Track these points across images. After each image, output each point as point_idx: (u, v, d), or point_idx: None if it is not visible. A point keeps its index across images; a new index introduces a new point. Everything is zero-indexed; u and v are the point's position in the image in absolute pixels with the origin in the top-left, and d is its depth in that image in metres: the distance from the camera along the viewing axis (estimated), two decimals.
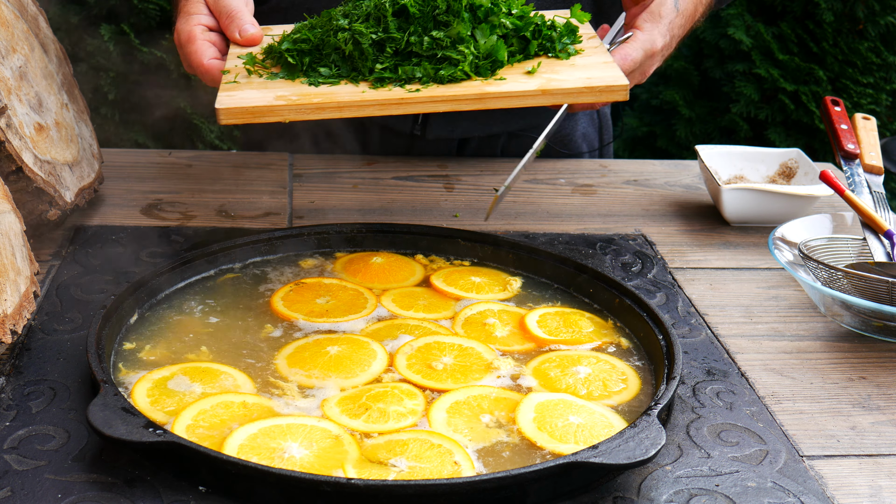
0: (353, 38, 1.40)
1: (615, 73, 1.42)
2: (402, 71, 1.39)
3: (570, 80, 1.40)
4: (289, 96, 1.35)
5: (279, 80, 1.41)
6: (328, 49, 1.42)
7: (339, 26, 1.42)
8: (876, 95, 3.92)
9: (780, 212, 1.75)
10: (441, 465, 1.11)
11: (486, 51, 1.42)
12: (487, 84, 1.39)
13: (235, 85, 1.39)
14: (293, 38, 1.44)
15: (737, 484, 1.13)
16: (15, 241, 1.34)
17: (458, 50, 1.40)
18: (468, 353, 1.33)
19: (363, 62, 1.40)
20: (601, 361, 1.32)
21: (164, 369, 1.25)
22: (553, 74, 1.42)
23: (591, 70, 1.43)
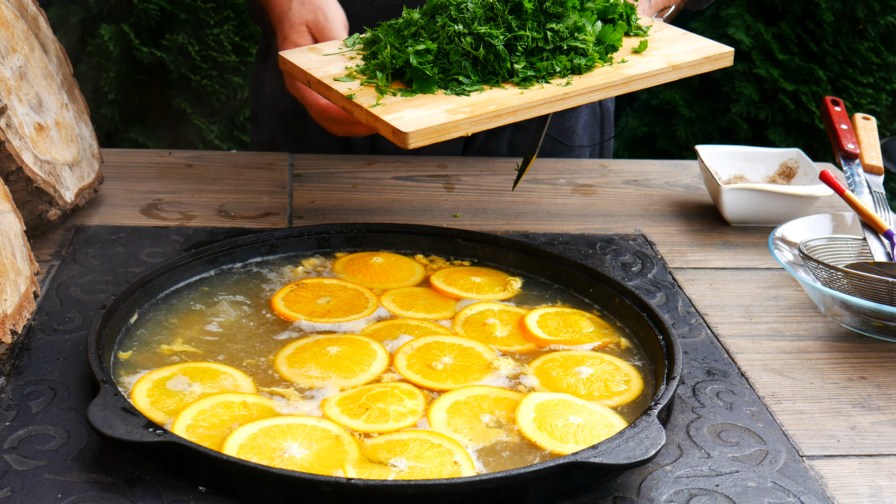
0: (484, 42, 1.39)
1: (711, 42, 1.49)
2: (542, 67, 1.39)
3: (683, 53, 1.47)
4: (461, 109, 1.34)
5: (422, 96, 1.38)
6: (455, 56, 1.39)
7: (457, 31, 1.39)
8: (876, 95, 3.91)
9: (780, 212, 1.75)
10: (441, 465, 1.11)
11: (598, 36, 1.44)
12: (623, 68, 1.43)
13: (388, 107, 1.35)
14: (416, 49, 1.40)
15: (737, 484, 1.13)
16: (15, 241, 1.34)
17: (580, 39, 1.42)
18: (468, 353, 1.33)
19: (500, 64, 1.39)
20: (605, 363, 1.32)
21: (164, 369, 1.25)
22: (661, 51, 1.47)
23: (687, 42, 1.50)
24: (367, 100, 1.37)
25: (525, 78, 1.39)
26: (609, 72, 1.43)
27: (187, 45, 3.62)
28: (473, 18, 1.40)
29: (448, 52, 1.40)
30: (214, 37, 3.66)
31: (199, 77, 3.66)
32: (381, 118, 1.33)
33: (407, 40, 1.43)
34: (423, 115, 1.33)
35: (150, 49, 3.59)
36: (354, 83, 1.42)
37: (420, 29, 1.43)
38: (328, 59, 1.50)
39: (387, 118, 1.32)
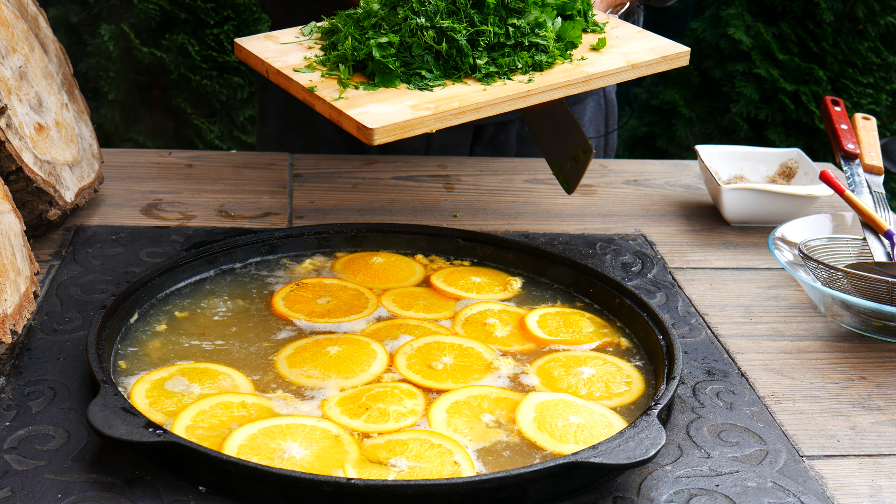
0: (447, 36, 1.38)
1: (667, 41, 1.50)
2: (504, 63, 1.39)
3: (641, 52, 1.47)
4: (425, 105, 1.33)
5: (385, 90, 1.36)
6: (418, 50, 1.38)
7: (420, 25, 1.39)
8: (876, 95, 3.91)
9: (780, 212, 1.75)
10: (441, 465, 1.11)
11: (558, 33, 1.44)
12: (583, 65, 1.43)
13: (351, 101, 1.34)
14: (378, 42, 1.39)
15: (737, 484, 1.13)
16: (15, 241, 1.34)
17: (541, 35, 1.41)
18: (468, 353, 1.33)
19: (462, 59, 1.38)
20: (607, 363, 1.32)
21: (163, 370, 1.25)
22: (619, 49, 1.47)
23: (643, 40, 1.50)
24: (329, 93, 1.35)
25: (487, 74, 1.38)
26: (570, 69, 1.43)
27: (187, 45, 3.62)
28: (436, 12, 1.39)
29: (410, 46, 1.39)
30: (214, 37, 3.66)
31: (199, 77, 3.66)
32: (345, 112, 1.31)
33: (367, 31, 1.41)
34: (387, 111, 1.31)
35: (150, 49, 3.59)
36: (315, 74, 1.40)
37: (381, 20, 1.41)
38: (286, 48, 1.47)
39: (351, 113, 1.31)
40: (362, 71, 1.39)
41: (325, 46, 1.46)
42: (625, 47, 1.49)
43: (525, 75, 1.40)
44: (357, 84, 1.37)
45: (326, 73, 1.39)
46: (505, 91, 1.36)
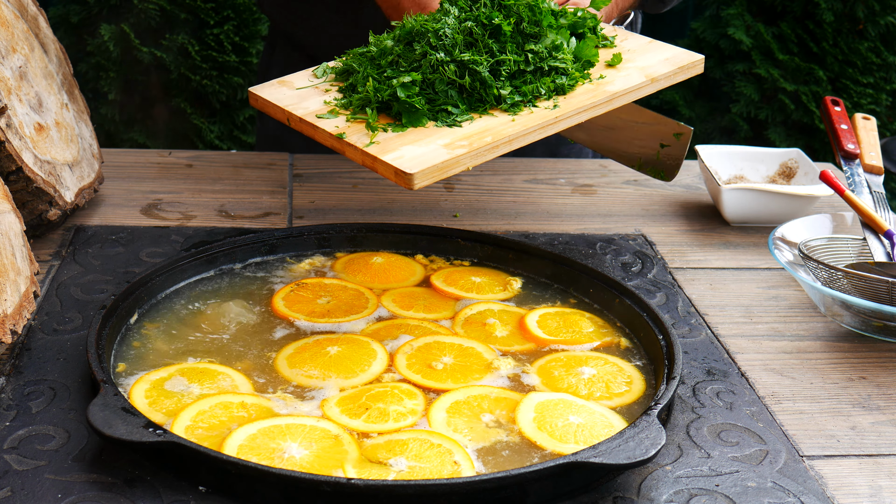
0: (469, 69, 1.35)
1: (680, 50, 1.48)
2: (527, 91, 1.37)
3: (657, 64, 1.45)
4: (458, 143, 1.30)
5: (413, 130, 1.33)
6: (441, 86, 1.35)
7: (440, 60, 1.35)
8: (876, 95, 3.91)
9: (780, 212, 1.75)
10: (441, 464, 1.11)
11: (574, 53, 1.43)
12: (604, 84, 1.41)
13: (383, 145, 1.30)
14: (402, 81, 1.34)
15: (737, 484, 1.13)
16: (15, 241, 1.34)
17: (560, 58, 1.40)
18: (468, 353, 1.33)
19: (486, 91, 1.36)
20: (608, 363, 1.32)
21: (162, 370, 1.25)
22: (635, 63, 1.45)
23: (656, 51, 1.48)
24: (358, 138, 1.32)
25: (513, 104, 1.36)
26: (592, 90, 1.41)
27: (187, 45, 3.62)
28: (454, 45, 1.36)
29: (433, 82, 1.35)
30: (214, 37, 3.66)
31: (199, 77, 3.66)
32: (380, 158, 1.28)
33: (385, 70, 1.38)
34: (422, 153, 1.28)
35: (150, 49, 3.59)
36: (339, 120, 1.36)
37: (398, 58, 1.39)
38: (303, 93, 1.43)
39: (386, 158, 1.27)
40: (387, 112, 1.36)
41: (343, 88, 1.42)
42: (639, 60, 1.48)
43: (549, 100, 1.38)
44: (385, 126, 1.34)
45: (351, 117, 1.36)
46: (534, 120, 1.34)
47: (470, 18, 1.39)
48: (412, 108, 1.34)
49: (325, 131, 1.34)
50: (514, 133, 1.32)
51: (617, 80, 1.43)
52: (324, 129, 1.34)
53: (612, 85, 1.42)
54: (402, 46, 1.40)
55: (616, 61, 1.46)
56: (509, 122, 1.34)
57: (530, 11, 1.40)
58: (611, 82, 1.42)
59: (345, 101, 1.39)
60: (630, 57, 1.48)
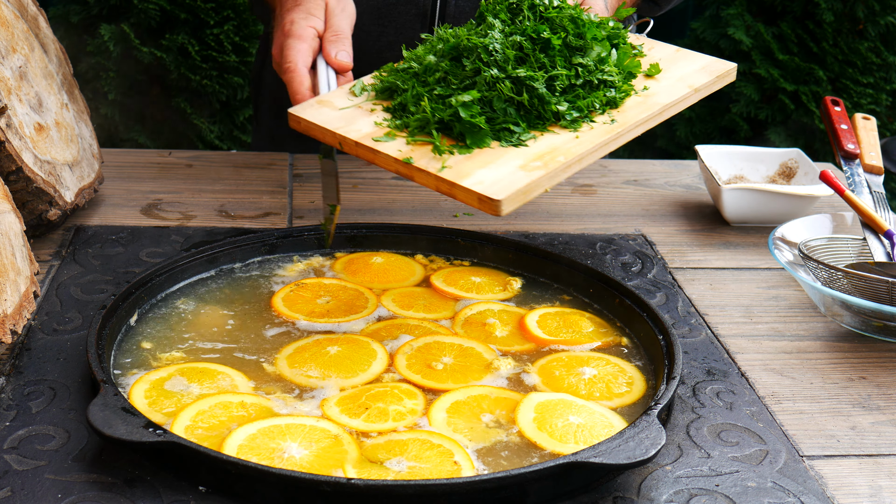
0: (526, 86, 1.31)
1: (710, 58, 1.47)
2: (583, 106, 1.34)
3: (693, 74, 1.44)
4: (532, 164, 1.25)
5: (479, 151, 1.28)
6: (499, 104, 1.30)
7: (496, 76, 1.30)
8: (876, 95, 3.91)
9: (780, 212, 1.75)
10: (441, 464, 1.11)
11: (617, 64, 1.41)
12: (652, 96, 1.39)
13: (455, 170, 1.24)
14: (462, 101, 1.29)
15: (737, 484, 1.13)
16: (15, 241, 1.34)
17: (607, 71, 1.38)
18: (468, 353, 1.33)
19: (545, 108, 1.32)
20: (609, 364, 1.32)
21: (162, 370, 1.25)
22: (671, 73, 1.44)
23: (687, 60, 1.48)
24: (427, 162, 1.26)
25: (573, 120, 1.33)
26: (641, 102, 1.38)
27: (187, 45, 3.62)
28: (506, 60, 1.31)
29: (490, 100, 1.31)
30: (214, 37, 3.66)
31: (199, 77, 3.66)
32: (459, 184, 1.22)
33: (433, 87, 1.33)
34: (499, 176, 1.23)
35: (150, 49, 3.59)
36: (399, 143, 1.30)
37: (446, 74, 1.34)
38: (347, 114, 1.37)
39: (466, 184, 1.22)
40: (447, 132, 1.30)
41: (391, 108, 1.37)
42: (674, 70, 1.46)
43: (604, 115, 1.35)
44: (450, 148, 1.28)
45: (411, 140, 1.30)
46: (598, 136, 1.31)
47: (516, 32, 1.35)
48: (475, 127, 1.29)
49: (388, 156, 1.28)
50: (584, 151, 1.28)
51: (661, 91, 1.41)
52: (387, 154, 1.28)
53: (659, 96, 1.39)
54: (449, 62, 1.35)
55: (655, 71, 1.44)
56: (574, 140, 1.30)
57: (573, 24, 1.37)
58: (657, 94, 1.40)
59: (399, 122, 1.33)
60: (664, 66, 1.46)
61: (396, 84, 1.38)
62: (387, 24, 1.90)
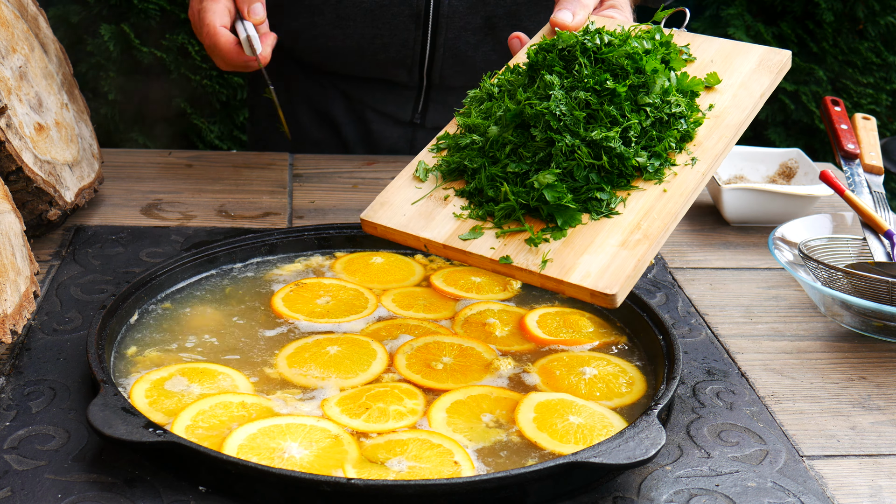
0: (604, 147, 1.24)
1: (760, 48, 1.40)
2: (660, 150, 1.26)
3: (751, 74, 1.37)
4: (632, 239, 1.20)
5: (572, 230, 1.22)
6: (580, 172, 1.23)
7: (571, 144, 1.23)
8: (876, 95, 3.91)
9: (780, 212, 1.75)
10: (441, 464, 1.11)
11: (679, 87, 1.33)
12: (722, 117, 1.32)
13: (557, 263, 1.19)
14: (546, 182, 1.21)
15: (737, 484, 1.13)
16: (15, 241, 1.34)
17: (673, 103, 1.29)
18: (468, 353, 1.33)
19: (625, 165, 1.25)
20: (611, 364, 1.32)
21: (163, 370, 1.25)
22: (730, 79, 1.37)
23: (736, 53, 1.40)
24: (524, 257, 1.20)
25: (656, 170, 1.25)
26: (712, 126, 1.31)
27: (187, 45, 3.62)
28: (576, 123, 1.24)
29: (570, 170, 1.23)
30: None
31: (199, 77, 3.66)
32: (568, 282, 1.17)
33: (505, 163, 1.26)
34: (605, 262, 1.17)
35: (150, 49, 3.59)
36: (488, 237, 1.23)
37: (515, 146, 1.27)
38: (421, 208, 1.29)
39: (574, 280, 1.16)
40: (534, 214, 1.24)
41: (466, 193, 1.28)
42: (731, 73, 1.37)
43: (681, 153, 1.28)
44: (543, 236, 1.21)
45: (500, 233, 1.23)
46: (686, 185, 1.24)
47: (578, 86, 1.26)
48: (565, 209, 1.22)
49: (483, 258, 1.22)
50: (677, 208, 1.22)
51: (728, 106, 1.33)
52: (482, 256, 1.22)
53: (729, 115, 1.32)
54: (514, 132, 1.27)
55: (714, 82, 1.36)
56: (662, 195, 1.24)
57: (631, 60, 1.28)
58: (725, 112, 1.33)
59: (479, 210, 1.26)
60: (720, 70, 1.38)
61: (464, 164, 1.30)
62: (380, 25, 1.90)
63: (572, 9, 1.45)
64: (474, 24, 1.91)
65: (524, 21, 1.92)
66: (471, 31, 1.91)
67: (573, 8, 1.45)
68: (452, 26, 1.90)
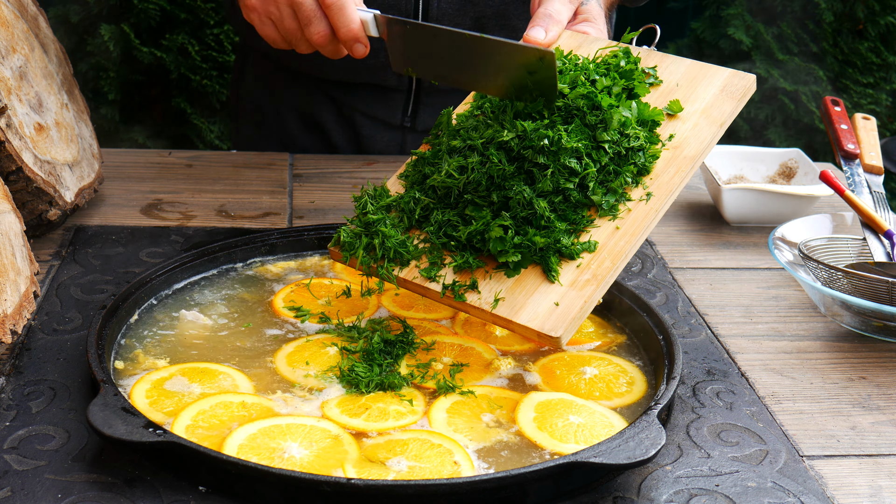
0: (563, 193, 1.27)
1: (727, 72, 1.39)
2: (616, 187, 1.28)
3: (715, 101, 1.37)
4: (580, 280, 1.24)
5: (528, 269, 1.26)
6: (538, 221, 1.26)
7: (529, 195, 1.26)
8: (876, 95, 3.91)
9: (780, 212, 1.75)
10: (441, 464, 1.11)
11: (638, 118, 1.33)
12: (680, 149, 1.32)
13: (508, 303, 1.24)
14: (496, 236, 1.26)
15: (737, 484, 1.13)
16: (15, 241, 1.34)
17: (632, 136, 1.29)
18: (468, 353, 1.33)
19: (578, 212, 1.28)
20: (611, 364, 1.32)
21: (163, 370, 1.25)
22: (694, 105, 1.37)
23: (701, 76, 1.40)
24: (478, 297, 1.26)
25: (611, 206, 1.27)
26: (670, 159, 1.31)
27: (187, 45, 3.62)
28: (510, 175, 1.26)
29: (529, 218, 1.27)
30: (214, 37, 3.66)
31: (199, 77, 3.66)
32: (516, 322, 1.22)
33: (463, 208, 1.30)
34: (548, 304, 1.22)
35: (150, 49, 3.59)
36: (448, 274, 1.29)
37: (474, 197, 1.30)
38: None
39: (522, 321, 1.22)
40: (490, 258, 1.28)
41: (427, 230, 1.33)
42: (694, 99, 1.37)
43: (636, 186, 1.29)
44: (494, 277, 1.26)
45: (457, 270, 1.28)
46: (638, 223, 1.26)
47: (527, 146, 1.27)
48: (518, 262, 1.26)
49: (438, 293, 1.28)
50: (628, 247, 1.25)
51: (687, 136, 1.33)
52: (437, 292, 1.28)
53: (687, 147, 1.32)
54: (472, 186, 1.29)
55: (677, 109, 1.36)
56: (615, 232, 1.26)
57: (586, 99, 1.29)
58: (685, 142, 1.33)
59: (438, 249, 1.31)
60: (684, 96, 1.38)
61: (424, 205, 1.33)
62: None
63: (545, 25, 1.45)
64: (463, 26, 1.90)
65: (512, 20, 1.92)
66: None
67: (545, 24, 1.45)
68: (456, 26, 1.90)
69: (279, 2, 1.48)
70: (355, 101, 2.03)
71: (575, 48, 1.46)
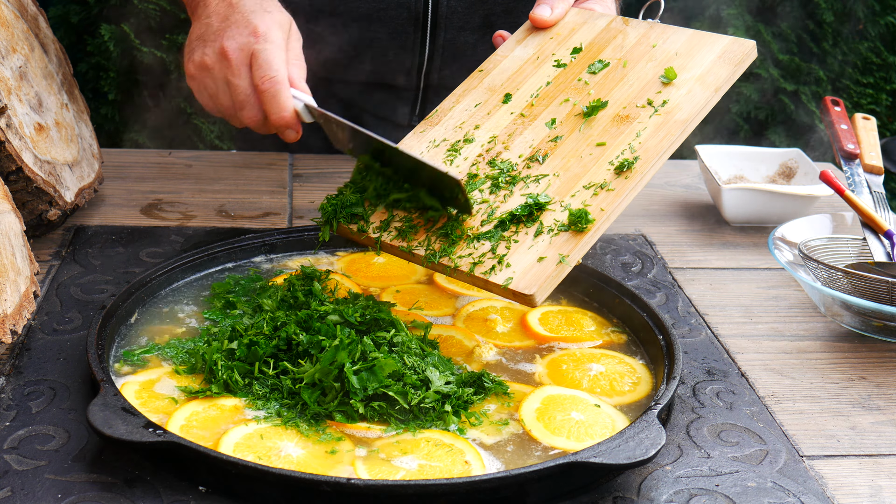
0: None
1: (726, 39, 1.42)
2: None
3: (712, 67, 1.38)
4: (563, 248, 1.26)
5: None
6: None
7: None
8: (876, 95, 3.91)
9: (780, 212, 1.75)
10: (452, 464, 1.10)
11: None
12: (673, 112, 1.35)
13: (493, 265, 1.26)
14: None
15: (737, 484, 1.13)
16: (15, 241, 1.34)
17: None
18: (448, 342, 1.34)
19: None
20: (621, 363, 1.32)
21: (154, 370, 1.25)
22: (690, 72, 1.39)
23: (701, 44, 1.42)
24: (455, 258, 1.28)
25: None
26: (661, 123, 1.33)
27: None
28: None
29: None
30: None
31: None
32: (493, 281, 1.24)
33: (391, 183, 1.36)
34: (527, 262, 1.24)
35: (150, 49, 3.59)
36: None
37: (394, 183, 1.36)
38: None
39: (499, 280, 1.24)
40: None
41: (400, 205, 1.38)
42: (691, 66, 1.38)
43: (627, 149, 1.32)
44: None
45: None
46: (623, 184, 1.30)
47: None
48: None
49: (419, 255, 1.31)
50: (609, 208, 1.28)
51: (680, 101, 1.35)
52: (418, 254, 1.31)
53: (679, 112, 1.33)
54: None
55: (671, 76, 1.38)
56: (598, 194, 1.30)
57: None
58: (677, 108, 1.34)
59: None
60: (681, 64, 1.40)
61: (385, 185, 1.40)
62: (378, 28, 1.89)
63: (551, 3, 1.44)
64: (473, 23, 1.90)
65: (521, 17, 1.91)
66: (469, 31, 1.91)
67: (552, 2, 1.44)
68: (451, 27, 1.89)
69: (216, 77, 1.43)
70: (363, 102, 2.02)
71: (580, 24, 1.46)
